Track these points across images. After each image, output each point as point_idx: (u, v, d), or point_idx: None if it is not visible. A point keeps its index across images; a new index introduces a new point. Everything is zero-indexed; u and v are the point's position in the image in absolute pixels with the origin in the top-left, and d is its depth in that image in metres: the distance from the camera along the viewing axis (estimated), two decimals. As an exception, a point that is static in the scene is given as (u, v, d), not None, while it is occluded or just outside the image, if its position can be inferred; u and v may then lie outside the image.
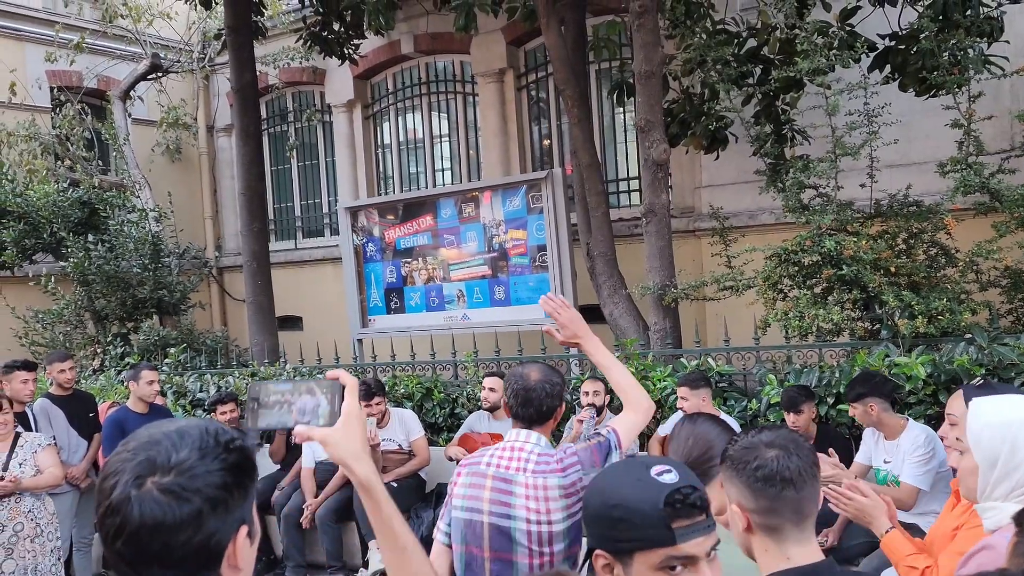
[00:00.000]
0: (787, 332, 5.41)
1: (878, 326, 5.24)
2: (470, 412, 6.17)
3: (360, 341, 8.72)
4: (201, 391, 7.48)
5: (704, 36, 6.36)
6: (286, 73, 11.34)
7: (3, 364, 5.74)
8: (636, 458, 1.54)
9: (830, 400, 4.95)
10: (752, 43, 6.74)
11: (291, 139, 12.00)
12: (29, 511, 4.65)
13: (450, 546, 2.54)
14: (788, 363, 5.47)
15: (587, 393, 5.23)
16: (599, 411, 5.16)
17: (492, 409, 5.75)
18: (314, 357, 7.80)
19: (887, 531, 2.45)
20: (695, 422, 2.20)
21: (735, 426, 4.93)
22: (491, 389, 5.71)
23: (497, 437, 5.51)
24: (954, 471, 2.15)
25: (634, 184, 9.43)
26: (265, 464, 6.33)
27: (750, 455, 1.62)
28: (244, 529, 1.12)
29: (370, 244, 8.83)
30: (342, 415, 1.36)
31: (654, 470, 1.39)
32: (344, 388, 1.38)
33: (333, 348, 7.59)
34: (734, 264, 6.00)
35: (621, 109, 9.29)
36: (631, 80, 7.82)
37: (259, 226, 8.96)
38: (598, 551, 1.38)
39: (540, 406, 2.56)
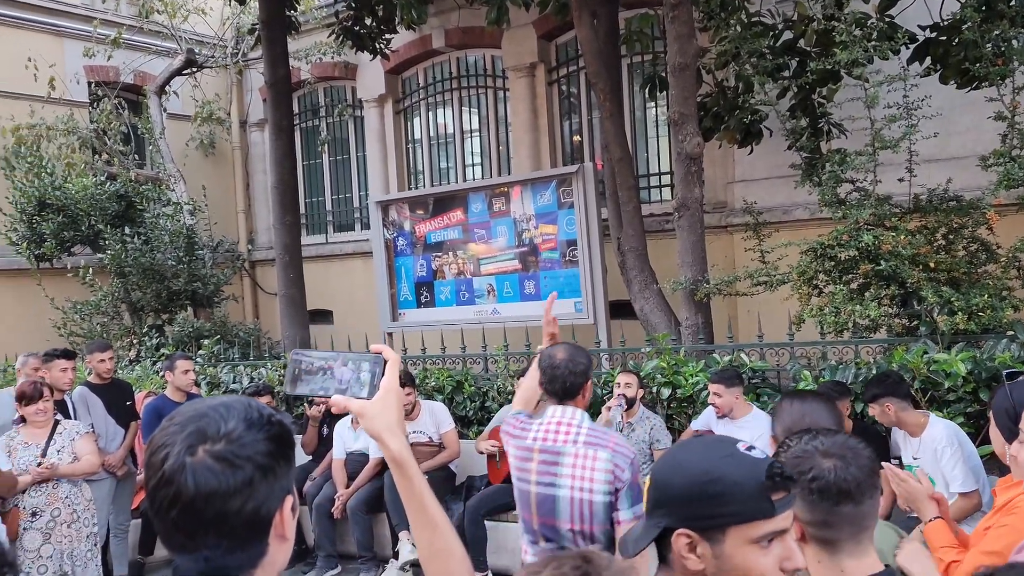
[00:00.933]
0: (822, 328, 5.34)
1: (916, 323, 5.15)
2: (500, 405, 6.17)
3: (390, 335, 8.76)
4: (234, 382, 7.57)
5: (739, 28, 6.28)
6: (318, 68, 11.41)
7: (43, 353, 5.84)
8: (706, 437, 1.50)
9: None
10: (788, 35, 6.65)
11: (323, 134, 12.07)
12: (66, 497, 4.72)
13: None
14: (823, 360, 5.40)
15: (619, 384, 5.23)
16: (631, 403, 5.14)
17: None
18: (344, 350, 7.84)
19: (931, 519, 2.41)
20: (804, 399, 2.17)
21: (768, 422, 4.88)
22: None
23: (528, 431, 5.50)
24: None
25: (665, 179, 9.37)
26: (296, 455, 6.38)
27: (804, 464, 1.52)
28: (290, 499, 1.15)
29: (400, 238, 8.86)
30: (381, 389, 1.36)
31: (740, 446, 1.36)
32: (386, 362, 1.38)
33: (364, 341, 7.62)
34: (768, 259, 5.93)
35: (653, 103, 9.23)
36: (664, 73, 7.77)
37: (291, 220, 9.04)
38: (681, 530, 1.33)
39: (564, 383, 2.82)
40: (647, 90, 8.19)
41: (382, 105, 11.33)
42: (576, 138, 10.12)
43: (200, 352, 8.26)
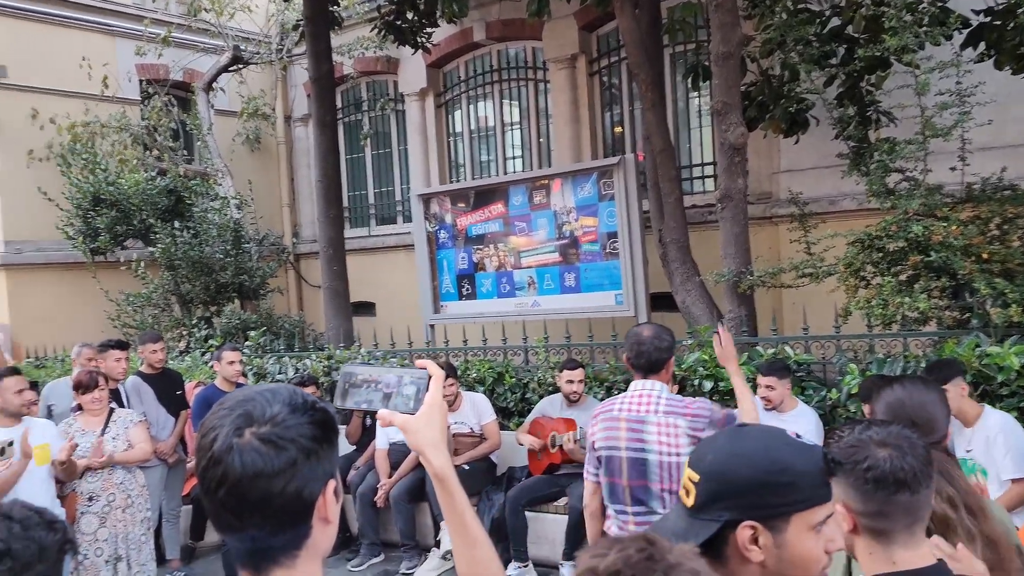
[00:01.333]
0: (870, 320, 5.24)
1: (968, 315, 5.03)
2: (541, 397, 6.18)
3: (432, 326, 8.83)
4: (280, 373, 7.70)
5: (784, 15, 6.18)
6: (360, 63, 11.53)
7: (98, 343, 6.02)
8: (752, 427, 1.50)
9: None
10: (836, 22, 6.52)
11: (365, 128, 12.19)
12: (121, 483, 4.87)
13: (598, 483, 3.20)
14: (870, 352, 5.30)
15: None
16: None
17: (575, 400, 5.69)
18: (387, 342, 7.93)
19: None
20: (904, 386, 2.17)
21: (814, 417, 4.80)
22: (568, 381, 5.67)
23: (570, 422, 5.51)
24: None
25: (708, 170, 9.27)
26: (341, 445, 6.47)
27: (859, 454, 1.53)
28: (332, 483, 1.18)
29: (442, 231, 8.92)
30: (424, 404, 1.39)
31: (792, 434, 1.40)
32: (430, 378, 1.41)
33: (406, 333, 7.71)
34: (814, 250, 5.84)
35: (696, 93, 9.13)
36: (707, 63, 7.67)
37: (335, 213, 9.14)
38: (746, 523, 1.34)
39: (650, 357, 3.08)
40: (689, 80, 8.10)
41: (423, 99, 11.39)
42: (618, 129, 10.07)
43: (247, 343, 8.42)
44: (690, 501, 1.40)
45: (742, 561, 1.34)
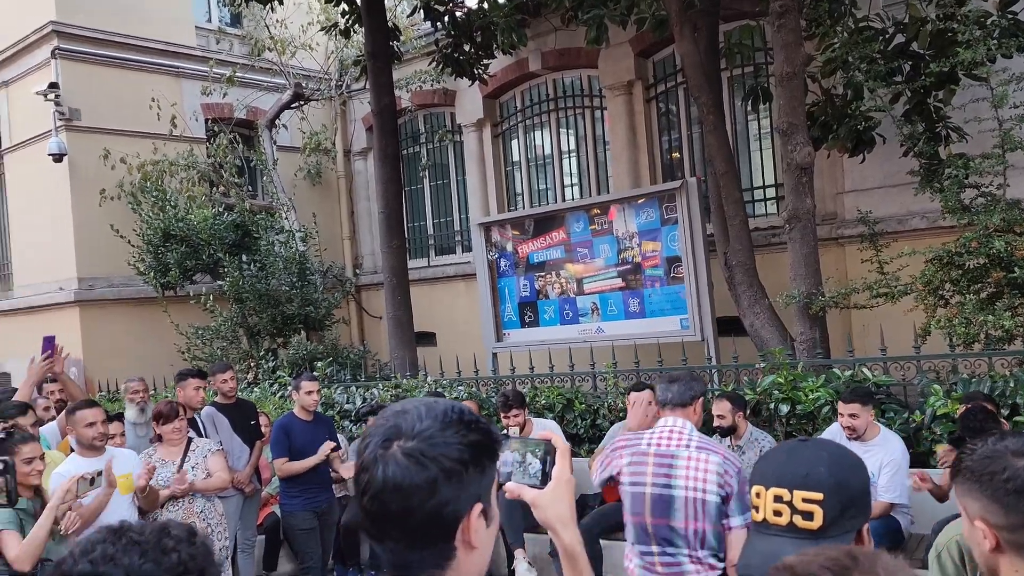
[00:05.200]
0: (951, 340, 5.10)
1: (1057, 333, 4.86)
2: (611, 423, 6.13)
3: (495, 355, 8.85)
4: (348, 402, 7.78)
5: (847, 34, 6.12)
6: (418, 96, 11.73)
7: (177, 372, 6.17)
8: (814, 441, 1.58)
9: (1004, 412, 4.60)
10: (900, 39, 6.43)
11: (423, 159, 12.37)
12: (201, 511, 4.96)
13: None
14: (954, 373, 5.15)
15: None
16: (729, 432, 5.02)
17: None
18: (452, 370, 7.96)
19: None
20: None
21: (899, 443, 4.61)
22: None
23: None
24: None
25: (769, 192, 9.17)
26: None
27: (997, 465, 1.48)
28: (479, 507, 1.16)
29: (503, 259, 8.97)
30: (553, 479, 1.36)
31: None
32: (556, 451, 1.38)
33: (472, 361, 7.73)
34: (887, 270, 5.72)
35: (755, 115, 9.07)
36: (766, 85, 7.64)
37: (398, 243, 9.26)
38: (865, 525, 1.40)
39: (681, 394, 3.12)
40: (749, 102, 8.06)
41: (480, 129, 11.53)
42: (675, 154, 10.04)
43: (314, 374, 8.53)
44: (816, 523, 1.36)
45: None
